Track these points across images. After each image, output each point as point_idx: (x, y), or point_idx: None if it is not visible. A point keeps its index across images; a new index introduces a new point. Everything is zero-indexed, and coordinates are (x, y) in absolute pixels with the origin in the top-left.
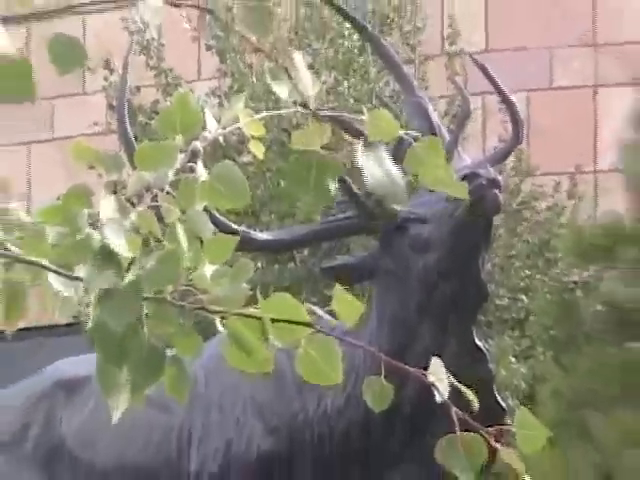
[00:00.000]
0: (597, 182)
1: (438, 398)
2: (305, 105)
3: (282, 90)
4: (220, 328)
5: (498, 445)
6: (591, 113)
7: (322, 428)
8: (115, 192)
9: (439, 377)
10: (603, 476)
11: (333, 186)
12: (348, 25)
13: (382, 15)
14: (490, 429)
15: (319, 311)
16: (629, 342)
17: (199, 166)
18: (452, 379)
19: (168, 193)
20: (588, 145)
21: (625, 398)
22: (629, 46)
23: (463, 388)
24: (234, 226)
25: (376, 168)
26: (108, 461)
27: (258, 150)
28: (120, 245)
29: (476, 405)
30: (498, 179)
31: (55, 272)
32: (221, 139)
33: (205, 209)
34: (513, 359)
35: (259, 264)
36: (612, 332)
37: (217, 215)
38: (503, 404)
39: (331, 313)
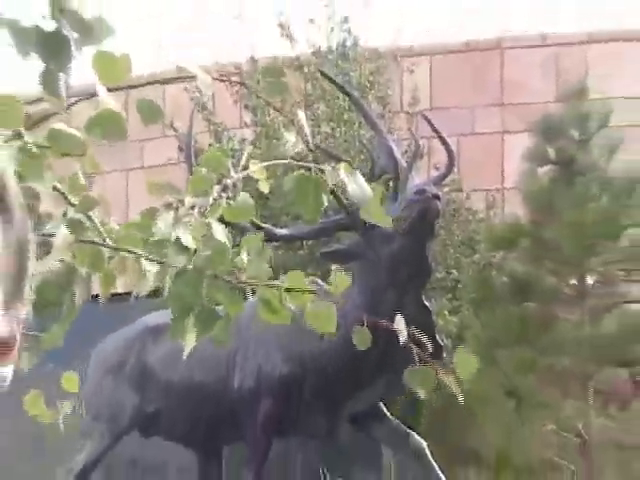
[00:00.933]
0: (504, 196)
1: (402, 341)
2: (308, 146)
3: (291, 136)
4: (250, 295)
5: (442, 373)
6: (500, 151)
7: (323, 359)
8: (177, 208)
9: (401, 328)
10: (506, 392)
11: (325, 197)
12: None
13: (363, 85)
14: (436, 362)
15: (320, 282)
16: (524, 303)
17: (223, 195)
18: (413, 330)
19: (203, 213)
20: (498, 172)
21: (521, 340)
22: (526, 106)
23: (420, 336)
24: (263, 225)
25: (356, 187)
26: (180, 378)
27: (264, 187)
28: (187, 240)
29: (429, 346)
30: (439, 194)
31: (144, 257)
32: (240, 179)
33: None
34: (447, 313)
35: (279, 251)
36: (513, 296)
37: (255, 220)
38: (441, 342)
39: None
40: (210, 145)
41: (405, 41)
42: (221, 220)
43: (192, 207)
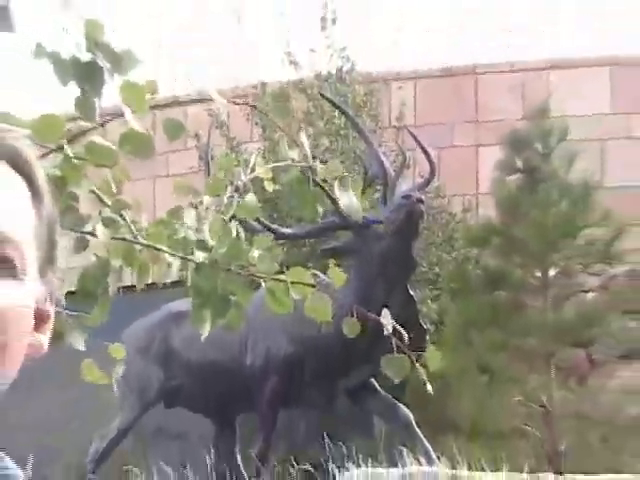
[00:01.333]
0: (478, 201)
1: (386, 332)
2: (308, 163)
3: (293, 153)
4: (263, 285)
5: (417, 364)
6: (475, 161)
7: (321, 342)
8: (197, 207)
9: (387, 321)
10: (480, 369)
11: (322, 204)
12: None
13: (358, 104)
14: (412, 353)
15: (321, 275)
16: (495, 292)
17: (234, 195)
18: (394, 323)
19: (219, 211)
20: (473, 180)
21: (493, 324)
22: (497, 123)
23: (400, 328)
24: (272, 225)
25: (346, 198)
26: (199, 357)
27: (269, 186)
28: (208, 237)
29: (406, 336)
30: (423, 198)
31: (168, 252)
32: (249, 181)
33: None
34: (429, 301)
35: (285, 248)
36: (486, 286)
37: (265, 221)
38: (424, 326)
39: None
40: (226, 155)
41: (394, 67)
42: (233, 217)
43: (207, 208)
